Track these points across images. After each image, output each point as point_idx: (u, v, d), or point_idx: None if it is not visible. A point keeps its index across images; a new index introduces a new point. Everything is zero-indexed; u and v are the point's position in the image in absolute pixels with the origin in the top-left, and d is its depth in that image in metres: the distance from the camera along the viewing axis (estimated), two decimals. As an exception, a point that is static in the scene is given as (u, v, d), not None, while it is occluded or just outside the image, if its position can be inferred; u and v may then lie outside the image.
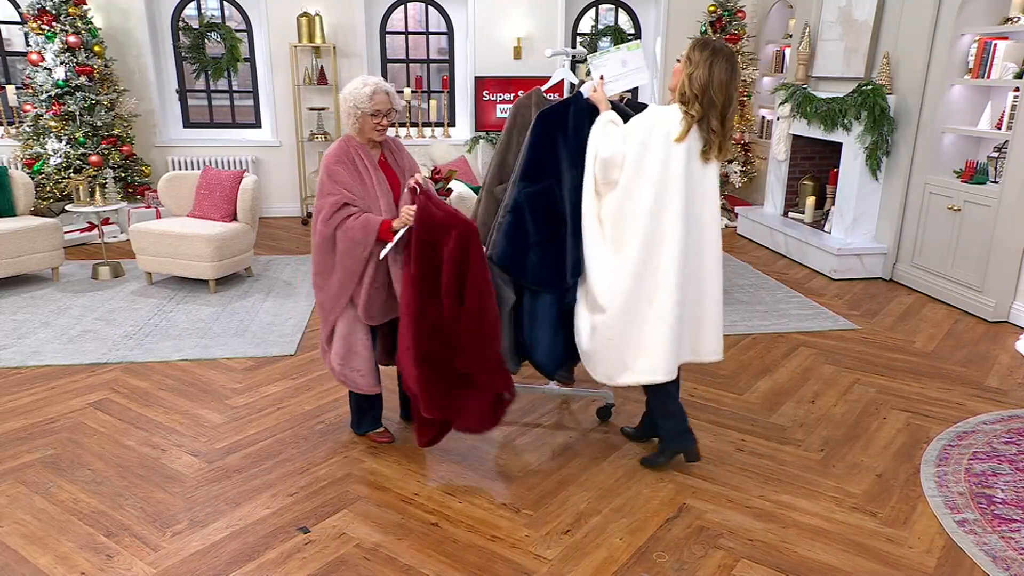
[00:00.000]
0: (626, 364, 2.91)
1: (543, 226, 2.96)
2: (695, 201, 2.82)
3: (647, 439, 3.33)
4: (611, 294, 2.86)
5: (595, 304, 2.92)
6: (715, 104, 2.72)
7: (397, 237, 2.86)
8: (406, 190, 2.94)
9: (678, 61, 2.89)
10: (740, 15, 7.56)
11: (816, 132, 6.42)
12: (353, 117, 2.96)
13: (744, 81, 7.65)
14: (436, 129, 8.00)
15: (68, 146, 6.51)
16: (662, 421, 3.09)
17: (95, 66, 6.59)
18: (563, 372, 3.26)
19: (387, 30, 7.87)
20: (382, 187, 3.00)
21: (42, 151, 6.48)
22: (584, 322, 2.97)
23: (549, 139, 2.95)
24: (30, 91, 6.52)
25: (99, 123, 6.60)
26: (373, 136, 3.00)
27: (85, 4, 6.64)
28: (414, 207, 2.80)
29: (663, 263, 2.80)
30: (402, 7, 7.86)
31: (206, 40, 7.50)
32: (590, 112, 2.93)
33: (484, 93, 7.72)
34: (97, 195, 5.45)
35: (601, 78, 2.95)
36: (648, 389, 3.07)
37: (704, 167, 2.82)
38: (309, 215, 7.82)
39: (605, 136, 2.82)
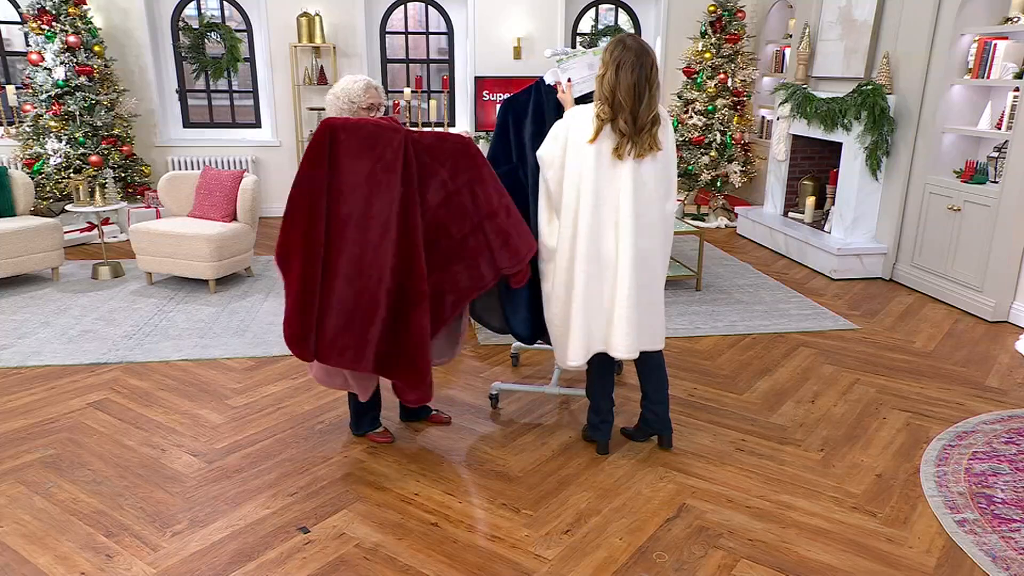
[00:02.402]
0: (559, 347, 3.07)
1: None
2: (607, 200, 2.86)
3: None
4: (549, 282, 3.03)
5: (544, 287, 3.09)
6: (623, 106, 2.76)
7: None
8: None
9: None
10: (740, 15, 7.56)
11: (816, 132, 6.43)
12: (348, 114, 2.97)
13: (744, 81, 7.65)
14: (436, 129, 7.98)
15: (68, 146, 6.51)
16: (590, 404, 3.26)
17: (95, 66, 6.59)
18: (545, 342, 3.42)
19: (387, 30, 7.87)
20: None
21: (42, 151, 6.49)
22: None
23: (514, 125, 3.22)
24: (30, 91, 6.52)
25: (99, 123, 6.60)
26: None
27: (85, 4, 6.64)
28: None
29: (576, 257, 2.90)
30: (402, 7, 7.86)
31: (206, 40, 7.51)
32: (552, 100, 3.14)
33: (484, 93, 7.72)
34: (97, 195, 5.45)
35: (568, 81, 3.09)
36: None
37: (619, 165, 2.83)
38: (309, 215, 7.81)
39: (548, 141, 2.94)
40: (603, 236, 2.88)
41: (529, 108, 3.21)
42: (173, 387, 3.84)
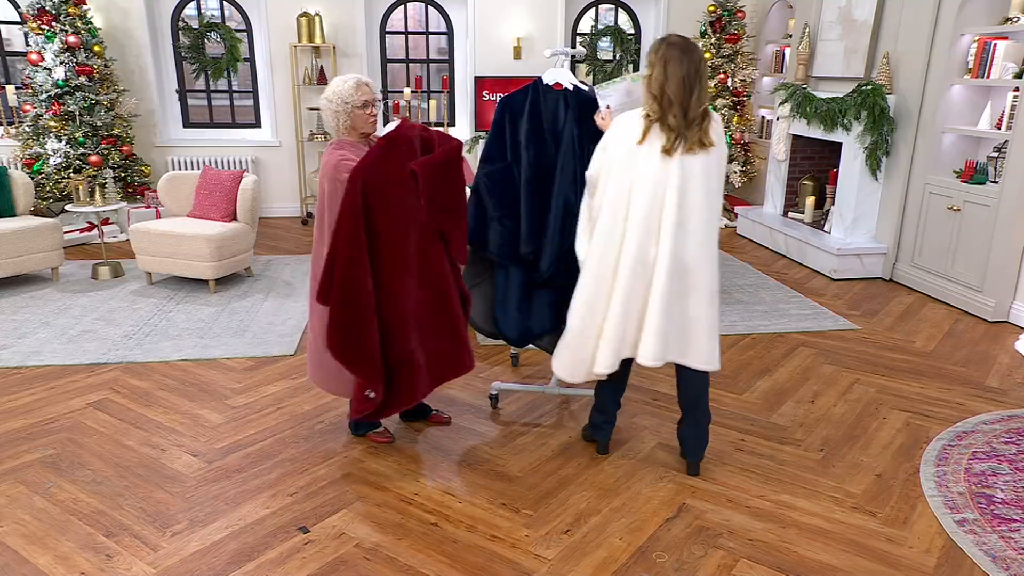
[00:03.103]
0: (583, 357, 3.00)
1: (501, 203, 3.25)
2: (653, 205, 2.76)
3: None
4: (585, 292, 2.95)
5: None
6: (673, 101, 2.69)
7: None
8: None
9: None
10: (740, 15, 7.56)
11: (816, 132, 6.42)
12: (344, 115, 2.97)
13: (744, 81, 7.65)
14: (436, 129, 7.98)
15: (68, 146, 6.51)
16: (594, 403, 3.24)
17: (95, 66, 6.59)
18: (544, 345, 3.45)
19: (387, 30, 7.87)
20: None
21: (42, 151, 6.49)
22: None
23: (510, 124, 3.26)
24: (30, 91, 6.52)
25: (99, 123, 6.60)
26: (367, 128, 3.01)
27: (85, 4, 6.64)
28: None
29: (620, 265, 2.83)
30: (402, 7, 7.86)
31: (206, 40, 7.50)
32: (547, 99, 3.18)
33: (484, 93, 7.72)
34: (97, 195, 5.45)
35: (608, 107, 3.10)
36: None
37: (666, 167, 2.74)
38: (309, 215, 7.83)
39: (593, 158, 2.92)
40: (648, 242, 2.79)
41: (525, 107, 3.23)
42: (173, 387, 3.84)
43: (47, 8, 6.41)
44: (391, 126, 2.89)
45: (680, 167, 2.73)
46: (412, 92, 7.73)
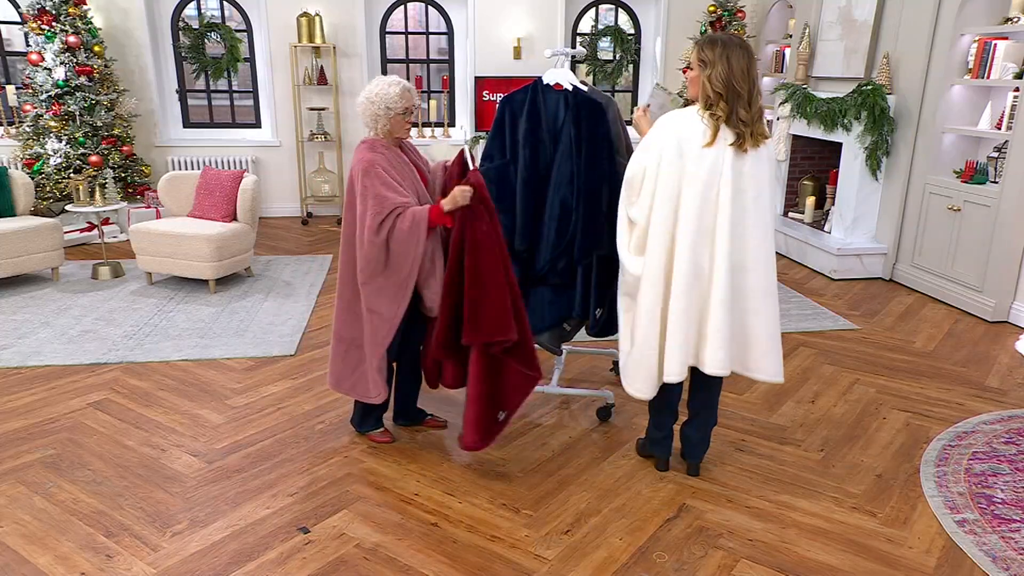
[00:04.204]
0: (647, 371, 2.87)
1: (496, 199, 3.21)
2: (708, 208, 2.69)
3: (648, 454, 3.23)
4: (639, 304, 2.83)
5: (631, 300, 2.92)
6: (740, 95, 2.61)
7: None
8: (443, 165, 3.12)
9: (689, 69, 2.89)
10: (740, 15, 7.56)
11: (816, 132, 6.42)
12: (384, 119, 2.92)
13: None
14: (436, 129, 7.99)
15: (68, 146, 6.50)
16: (650, 419, 3.11)
17: (95, 66, 6.59)
18: (543, 343, 3.43)
19: (387, 30, 7.87)
20: (417, 182, 3.03)
21: (42, 151, 6.48)
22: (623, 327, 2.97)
23: (510, 122, 3.29)
24: (30, 91, 6.52)
25: (99, 123, 6.60)
26: (403, 134, 3.00)
27: (85, 4, 6.64)
28: (467, 188, 2.84)
29: (676, 272, 2.73)
30: (402, 7, 7.85)
31: (206, 40, 7.50)
32: (547, 99, 3.21)
33: (484, 93, 7.72)
34: (97, 195, 5.45)
35: (648, 106, 3.14)
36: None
37: (720, 168, 2.66)
38: (309, 215, 7.83)
39: (633, 158, 2.83)
40: (701, 244, 2.70)
41: (525, 107, 3.24)
42: (173, 387, 3.84)
43: (47, 8, 6.41)
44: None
45: (732, 164, 2.65)
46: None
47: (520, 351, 2.96)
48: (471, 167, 2.95)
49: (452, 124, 8.22)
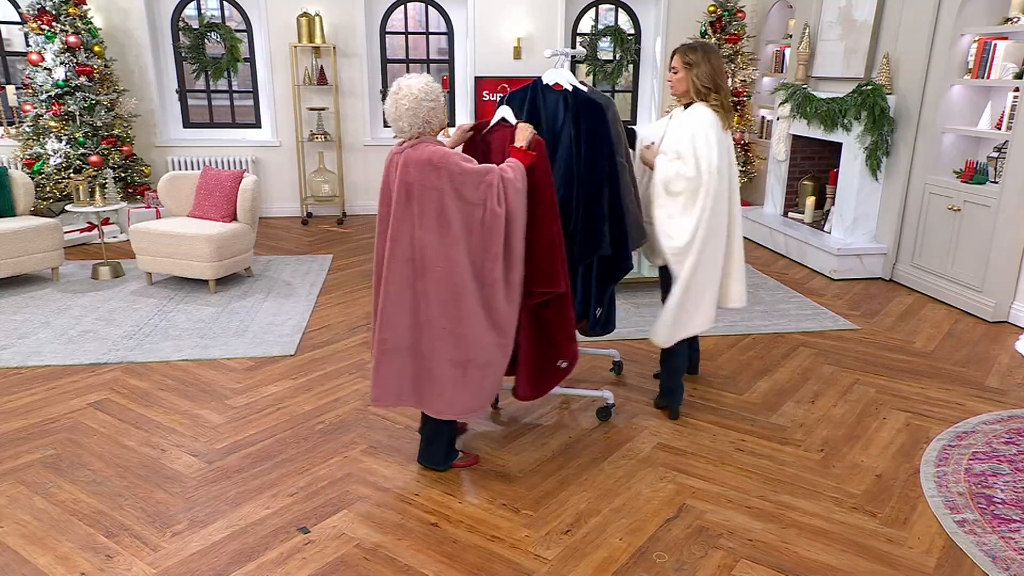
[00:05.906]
0: (687, 320, 3.38)
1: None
2: (733, 175, 3.38)
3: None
4: (690, 262, 3.30)
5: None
6: (721, 87, 3.24)
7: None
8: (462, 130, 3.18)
9: (672, 72, 3.32)
10: (740, 15, 7.56)
11: (816, 132, 6.42)
12: (441, 112, 2.80)
13: (744, 81, 7.65)
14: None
15: (68, 146, 6.51)
16: (673, 377, 3.58)
17: (95, 66, 6.59)
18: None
19: (387, 30, 7.87)
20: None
21: (42, 151, 6.49)
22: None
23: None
24: (30, 91, 6.52)
25: (99, 123, 6.60)
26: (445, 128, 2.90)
27: (85, 4, 6.64)
28: (526, 124, 2.91)
29: (724, 225, 3.34)
30: (402, 7, 7.86)
31: (206, 40, 7.51)
32: (547, 99, 3.25)
33: (484, 93, 7.72)
34: (97, 195, 5.45)
35: (653, 143, 3.44)
36: (673, 347, 3.50)
37: (727, 137, 3.33)
38: (309, 215, 7.83)
39: (663, 169, 3.28)
40: (722, 207, 3.30)
41: (524, 106, 3.25)
42: (173, 387, 3.84)
43: (47, 8, 6.41)
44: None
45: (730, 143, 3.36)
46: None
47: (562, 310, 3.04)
48: (512, 122, 3.02)
49: (452, 124, 8.21)
